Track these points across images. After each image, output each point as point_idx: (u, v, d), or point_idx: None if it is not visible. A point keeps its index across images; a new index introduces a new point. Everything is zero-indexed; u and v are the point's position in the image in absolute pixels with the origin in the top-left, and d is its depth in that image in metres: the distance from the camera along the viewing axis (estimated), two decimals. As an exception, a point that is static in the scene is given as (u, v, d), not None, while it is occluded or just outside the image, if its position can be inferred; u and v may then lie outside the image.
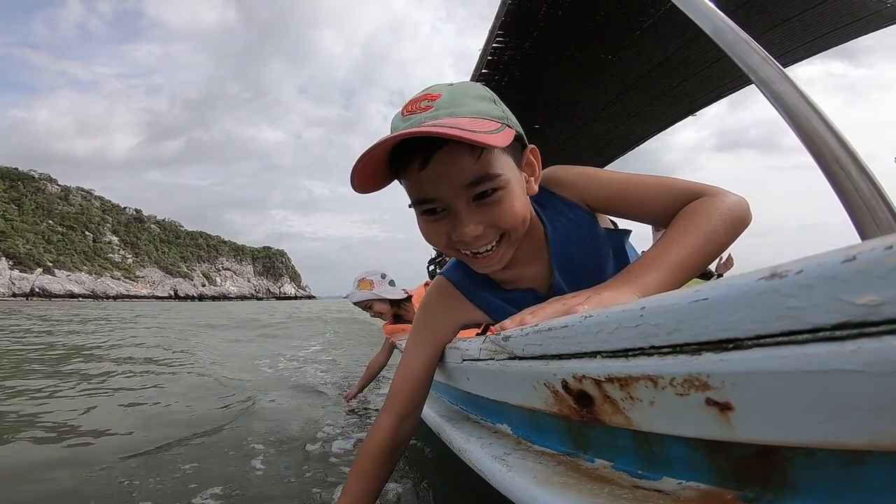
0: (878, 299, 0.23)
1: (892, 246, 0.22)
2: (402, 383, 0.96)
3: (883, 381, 0.24)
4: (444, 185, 0.70)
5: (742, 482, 0.40)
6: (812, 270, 0.25)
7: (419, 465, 1.46)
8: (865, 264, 0.23)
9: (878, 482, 0.31)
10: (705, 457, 0.43)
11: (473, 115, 0.68)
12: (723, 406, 0.33)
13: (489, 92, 0.76)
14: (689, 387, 0.34)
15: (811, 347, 0.26)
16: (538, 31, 2.08)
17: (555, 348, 0.51)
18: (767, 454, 0.37)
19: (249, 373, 3.79)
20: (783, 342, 0.27)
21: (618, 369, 0.41)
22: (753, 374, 0.30)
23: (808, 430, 0.29)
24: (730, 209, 0.71)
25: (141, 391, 2.95)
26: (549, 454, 0.68)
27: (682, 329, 0.34)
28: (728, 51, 0.87)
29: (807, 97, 0.79)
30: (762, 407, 0.31)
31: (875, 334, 0.23)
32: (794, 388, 0.28)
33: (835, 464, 0.32)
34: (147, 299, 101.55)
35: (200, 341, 6.44)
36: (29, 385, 3.03)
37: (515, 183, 0.74)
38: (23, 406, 2.46)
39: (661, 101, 2.94)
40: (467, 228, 0.72)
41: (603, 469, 0.58)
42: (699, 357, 0.33)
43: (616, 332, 0.40)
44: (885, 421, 0.25)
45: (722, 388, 0.32)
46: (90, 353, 4.90)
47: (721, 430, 0.34)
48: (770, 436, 0.32)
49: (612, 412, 0.46)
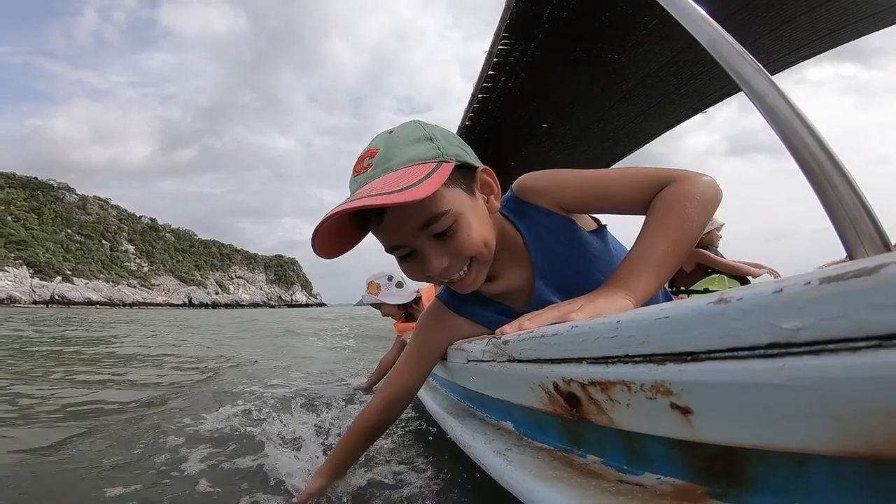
0: (798, 325, 0.27)
1: (809, 282, 0.26)
2: (394, 382, 1.07)
3: (803, 395, 0.28)
4: (402, 232, 0.78)
5: (711, 479, 0.45)
6: (750, 298, 0.30)
7: (428, 457, 1.51)
8: (790, 296, 0.27)
9: (820, 481, 0.35)
10: (679, 455, 0.47)
11: (406, 163, 0.75)
12: (684, 410, 0.37)
13: (424, 130, 0.81)
14: (657, 392, 0.39)
15: (749, 363, 0.30)
16: (543, 32, 2.10)
17: (547, 353, 0.56)
18: (730, 455, 0.41)
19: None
20: (729, 357, 0.32)
21: (599, 374, 0.46)
22: (707, 383, 0.34)
23: (752, 433, 0.33)
24: (700, 192, 0.75)
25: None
26: (546, 450, 0.73)
27: (650, 341, 0.38)
28: (719, 59, 0.89)
29: (797, 110, 0.82)
30: (715, 412, 0.35)
31: (797, 353, 0.28)
32: (738, 397, 0.32)
33: (784, 464, 0.37)
34: (162, 307, 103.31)
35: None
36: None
37: (468, 211, 0.79)
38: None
39: (670, 99, 2.94)
40: (433, 264, 0.79)
41: (594, 464, 0.62)
42: (664, 367, 0.37)
43: (597, 342, 0.45)
44: (812, 429, 0.29)
45: (682, 394, 0.36)
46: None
47: (685, 431, 0.39)
48: (724, 437, 0.36)
49: (596, 412, 0.51)
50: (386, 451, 1.63)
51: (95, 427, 1.99)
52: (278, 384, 3.06)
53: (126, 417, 2.17)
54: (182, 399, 2.58)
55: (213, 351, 5.73)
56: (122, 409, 2.36)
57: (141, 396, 2.63)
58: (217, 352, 5.61)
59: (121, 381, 3.26)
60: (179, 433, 1.82)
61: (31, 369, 3.86)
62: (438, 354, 1.03)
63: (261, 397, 2.56)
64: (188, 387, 2.96)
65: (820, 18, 2.30)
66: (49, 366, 4.06)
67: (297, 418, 1.86)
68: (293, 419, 1.84)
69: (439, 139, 0.79)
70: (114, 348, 5.85)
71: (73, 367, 3.99)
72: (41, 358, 4.69)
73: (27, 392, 2.81)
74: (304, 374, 3.56)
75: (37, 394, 2.75)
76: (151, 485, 1.33)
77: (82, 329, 9.44)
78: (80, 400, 2.59)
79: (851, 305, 0.25)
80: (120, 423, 2.06)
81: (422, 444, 1.67)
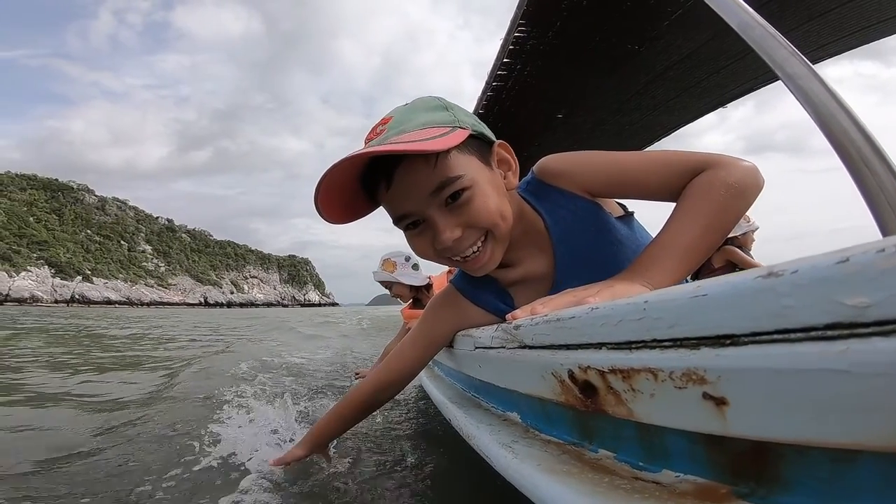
0: (867, 301, 0.23)
1: (883, 249, 0.23)
2: (392, 363, 1.03)
3: (867, 382, 0.24)
4: (412, 197, 0.73)
5: (737, 477, 0.41)
6: (807, 271, 0.26)
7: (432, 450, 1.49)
8: (857, 266, 0.24)
9: (866, 482, 0.31)
10: (703, 451, 0.44)
11: (420, 126, 0.72)
12: (718, 401, 0.34)
13: (441, 101, 0.78)
14: (688, 380, 0.35)
15: (803, 346, 0.27)
16: (561, 20, 2.05)
17: (562, 338, 0.52)
18: (761, 451, 0.37)
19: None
20: (777, 340, 0.28)
21: (621, 361, 0.42)
22: (748, 370, 0.30)
23: (797, 427, 0.30)
24: (737, 179, 0.68)
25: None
26: (555, 443, 0.69)
27: (682, 324, 0.34)
28: (754, 45, 0.85)
29: (835, 94, 0.78)
30: (755, 403, 0.31)
31: (863, 335, 0.24)
32: (785, 386, 0.28)
33: (825, 462, 0.33)
34: (178, 306, 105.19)
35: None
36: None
37: (484, 180, 0.75)
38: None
39: (689, 94, 2.87)
40: (444, 235, 0.74)
41: (606, 459, 0.59)
42: (697, 352, 0.34)
43: (620, 325, 0.41)
44: (870, 422, 0.26)
45: (718, 382, 0.33)
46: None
47: (716, 425, 0.35)
48: (762, 432, 0.33)
49: (614, 403, 0.47)
50: (379, 434, 1.62)
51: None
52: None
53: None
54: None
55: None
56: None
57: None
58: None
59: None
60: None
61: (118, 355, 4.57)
62: (444, 341, 0.99)
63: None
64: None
65: (852, 14, 2.22)
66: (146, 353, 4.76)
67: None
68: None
69: (455, 109, 0.77)
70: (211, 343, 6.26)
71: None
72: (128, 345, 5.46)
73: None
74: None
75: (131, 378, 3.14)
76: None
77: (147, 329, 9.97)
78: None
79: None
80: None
81: (421, 434, 1.65)
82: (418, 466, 1.30)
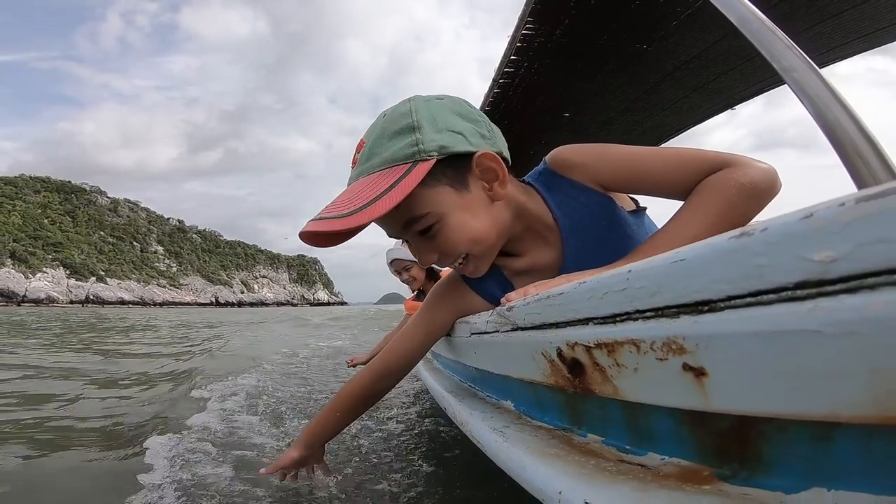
0: (833, 255, 0.23)
1: (844, 203, 0.23)
2: (391, 352, 1.02)
3: (837, 343, 0.24)
4: (388, 229, 0.80)
5: (720, 460, 0.41)
6: (776, 228, 0.26)
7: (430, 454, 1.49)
8: (821, 221, 0.23)
9: (845, 462, 0.31)
10: (687, 432, 0.44)
11: (379, 167, 0.73)
12: (697, 371, 0.34)
13: (411, 117, 0.74)
14: (668, 350, 0.35)
15: (775, 308, 0.26)
16: (570, 18, 2.04)
17: (552, 316, 0.52)
18: (744, 429, 0.37)
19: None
20: (751, 303, 0.28)
21: (606, 335, 0.42)
22: (724, 335, 0.30)
23: (774, 399, 0.30)
24: (751, 180, 0.66)
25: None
26: (545, 428, 0.70)
27: (662, 291, 0.34)
28: (759, 46, 0.84)
29: (841, 99, 0.77)
30: (733, 372, 0.31)
31: (830, 293, 0.24)
32: (760, 352, 0.28)
33: (805, 440, 0.33)
34: (190, 305, 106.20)
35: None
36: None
37: (454, 209, 0.75)
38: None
39: (699, 94, 2.85)
40: (422, 258, 0.81)
41: (594, 443, 0.59)
42: (677, 320, 0.33)
43: (605, 297, 0.41)
44: (844, 389, 0.25)
45: (696, 351, 0.33)
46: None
47: (697, 399, 0.35)
48: (740, 404, 0.33)
49: (601, 381, 0.48)
50: (375, 437, 1.61)
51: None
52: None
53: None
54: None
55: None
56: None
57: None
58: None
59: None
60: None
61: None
62: (444, 329, 0.98)
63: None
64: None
65: (865, 17, 2.19)
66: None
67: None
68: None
69: (424, 128, 0.73)
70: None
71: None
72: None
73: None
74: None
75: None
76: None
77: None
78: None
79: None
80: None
81: (417, 436, 1.65)
82: (416, 471, 1.30)
